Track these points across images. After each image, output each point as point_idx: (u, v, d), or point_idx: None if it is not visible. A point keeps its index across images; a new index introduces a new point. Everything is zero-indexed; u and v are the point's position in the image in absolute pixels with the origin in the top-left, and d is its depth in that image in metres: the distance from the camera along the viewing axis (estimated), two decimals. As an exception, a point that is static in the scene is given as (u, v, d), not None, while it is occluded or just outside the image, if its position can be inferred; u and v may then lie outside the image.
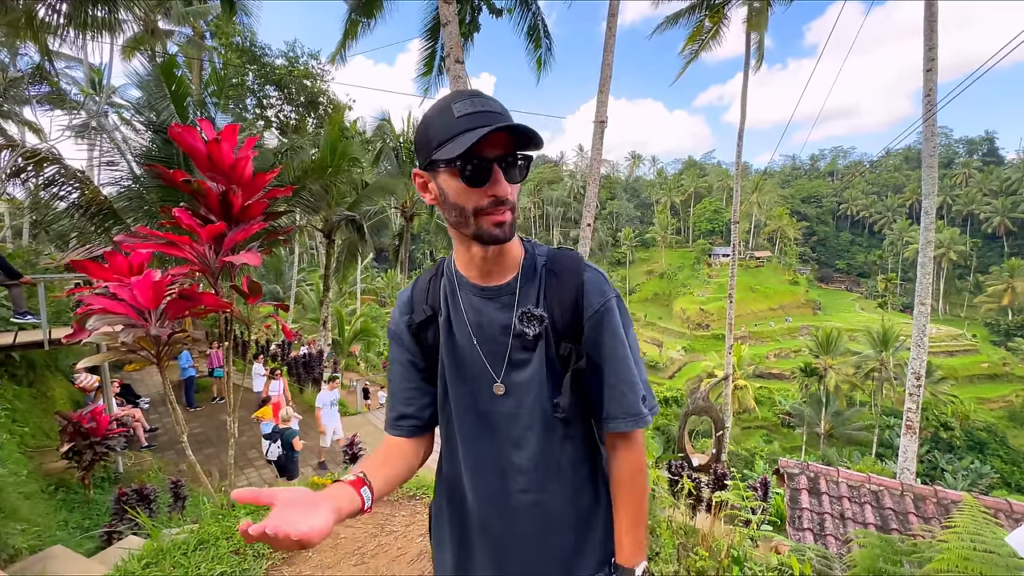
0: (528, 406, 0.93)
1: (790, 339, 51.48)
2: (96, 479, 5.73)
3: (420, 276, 1.05)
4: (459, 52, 5.69)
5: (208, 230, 2.02)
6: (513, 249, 0.94)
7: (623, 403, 0.93)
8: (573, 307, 0.92)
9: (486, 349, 0.94)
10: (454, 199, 0.83)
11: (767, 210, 72.13)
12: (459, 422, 0.98)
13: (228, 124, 2.15)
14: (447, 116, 0.80)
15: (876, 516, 3.87)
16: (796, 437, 33.94)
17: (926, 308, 8.63)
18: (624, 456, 0.96)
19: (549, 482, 0.95)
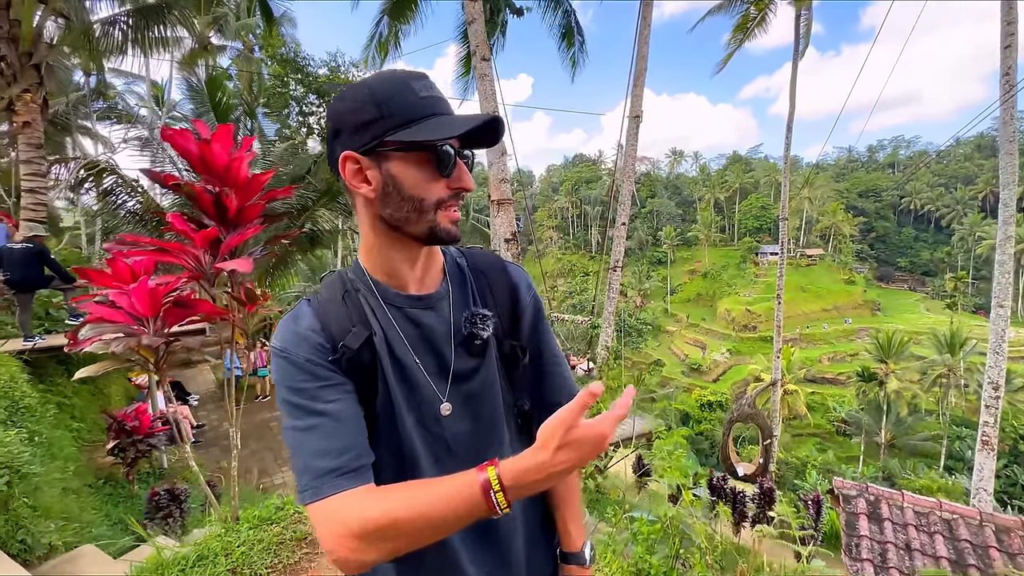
0: (487, 417, 0.86)
1: (846, 342, 48.50)
2: (141, 474, 5.97)
3: (317, 296, 0.85)
4: (485, 50, 5.57)
5: (201, 235, 1.97)
6: (437, 251, 0.88)
7: (564, 387, 0.93)
8: (511, 302, 0.90)
9: (428, 366, 0.83)
10: (411, 190, 0.74)
11: (820, 205, 68.21)
12: (411, 453, 0.82)
13: (223, 125, 2.10)
14: (408, 95, 0.72)
15: (949, 549, 3.42)
16: (853, 446, 31.91)
17: (1005, 311, 7.77)
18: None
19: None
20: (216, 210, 2.09)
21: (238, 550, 1.97)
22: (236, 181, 2.12)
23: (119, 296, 1.94)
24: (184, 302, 2.05)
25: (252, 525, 2.18)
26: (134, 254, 2.02)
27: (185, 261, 2.01)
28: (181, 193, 2.09)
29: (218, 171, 2.09)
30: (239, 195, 2.12)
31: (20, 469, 2.97)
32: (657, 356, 51.60)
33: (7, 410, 3.89)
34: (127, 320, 1.96)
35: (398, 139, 0.71)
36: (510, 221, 5.72)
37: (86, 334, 1.98)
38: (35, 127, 7.08)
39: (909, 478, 22.60)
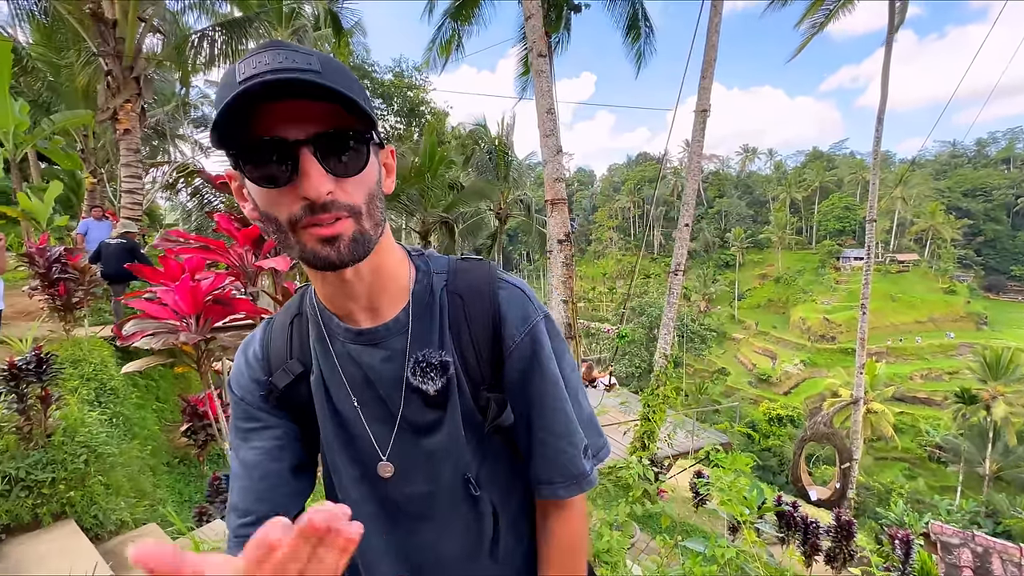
0: (447, 480, 0.70)
1: (943, 358, 43.53)
2: (212, 456, 6.40)
3: (275, 319, 0.75)
4: (543, 46, 5.42)
5: (244, 233, 2.00)
6: (391, 268, 0.67)
7: (558, 462, 0.71)
8: (491, 340, 0.69)
9: (370, 415, 0.69)
10: (264, 208, 0.56)
11: (915, 206, 61.60)
12: (367, 520, 0.70)
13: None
14: (229, 80, 0.51)
15: (1083, 621, 2.84)
16: (949, 475, 28.64)
17: None
18: (556, 528, 0.74)
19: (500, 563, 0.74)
20: None
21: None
22: None
23: (165, 293, 2.02)
24: (224, 300, 2.09)
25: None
26: (181, 251, 2.09)
27: (228, 259, 2.06)
28: (228, 192, 2.13)
29: None
30: None
31: (97, 448, 3.22)
32: (721, 364, 49.03)
33: (95, 391, 4.27)
34: (171, 316, 2.04)
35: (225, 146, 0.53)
36: (564, 222, 5.53)
37: (130, 330, 2.07)
38: (134, 134, 7.82)
39: (1019, 515, 19.80)
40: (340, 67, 0.55)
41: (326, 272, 0.61)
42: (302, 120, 0.52)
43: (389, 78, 19.22)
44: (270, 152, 0.52)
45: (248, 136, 0.52)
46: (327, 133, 0.53)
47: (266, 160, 0.53)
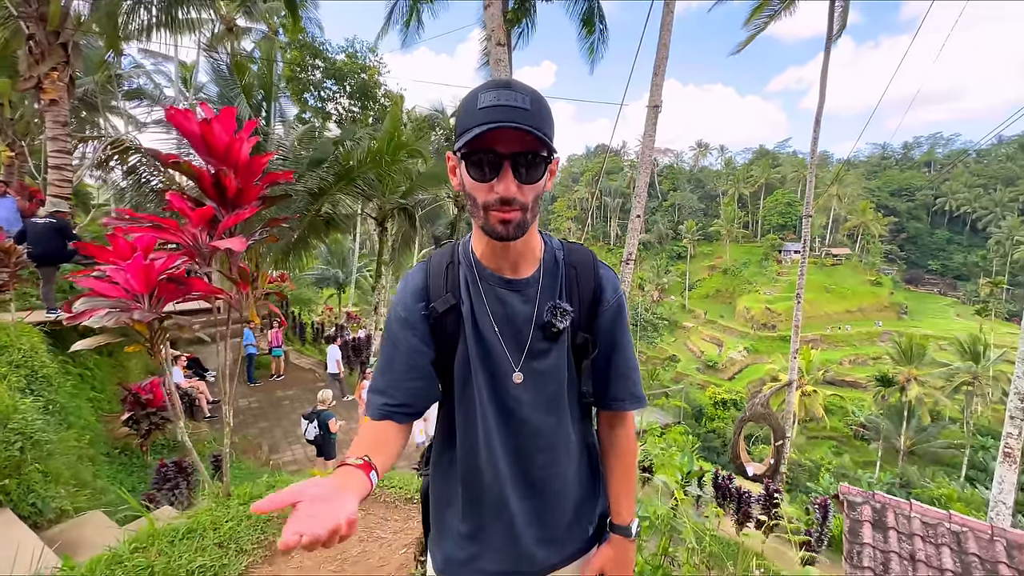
0: (548, 393, 0.98)
1: (869, 344, 47.26)
2: (156, 446, 6.17)
3: (431, 260, 1.03)
4: (501, 34, 5.47)
5: (198, 213, 1.98)
6: (533, 242, 0.96)
7: (629, 387, 1.04)
8: (592, 300, 0.99)
9: (508, 339, 0.96)
10: (469, 189, 0.85)
11: (849, 203, 66.04)
12: (481, 409, 0.98)
13: (226, 107, 2.10)
14: (471, 105, 0.80)
15: (956, 562, 3.31)
16: (870, 451, 31.26)
17: (1037, 319, 7.41)
18: (622, 433, 1.08)
19: (562, 460, 1.02)
20: (215, 190, 2.11)
21: (226, 525, 2.02)
22: (236, 162, 2.13)
23: (116, 272, 1.98)
24: (178, 279, 2.07)
25: (243, 502, 2.23)
26: (132, 230, 2.05)
27: (181, 238, 2.04)
28: (180, 171, 2.10)
29: (218, 151, 2.10)
30: (239, 176, 2.13)
31: (33, 436, 3.08)
32: (672, 352, 51.09)
33: (26, 379, 4.04)
34: (122, 295, 2.00)
35: (457, 146, 0.82)
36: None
37: (80, 307, 2.02)
38: (62, 105, 7.25)
39: (927, 486, 22.04)
40: (542, 104, 0.82)
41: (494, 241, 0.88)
42: (509, 141, 0.79)
43: (342, 58, 18.52)
44: (485, 158, 0.80)
45: (477, 143, 0.79)
46: (522, 153, 0.80)
47: (481, 162, 0.81)
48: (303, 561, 1.93)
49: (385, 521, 2.22)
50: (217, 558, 1.86)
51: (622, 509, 1.06)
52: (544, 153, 0.82)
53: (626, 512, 1.06)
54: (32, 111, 14.05)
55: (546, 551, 1.03)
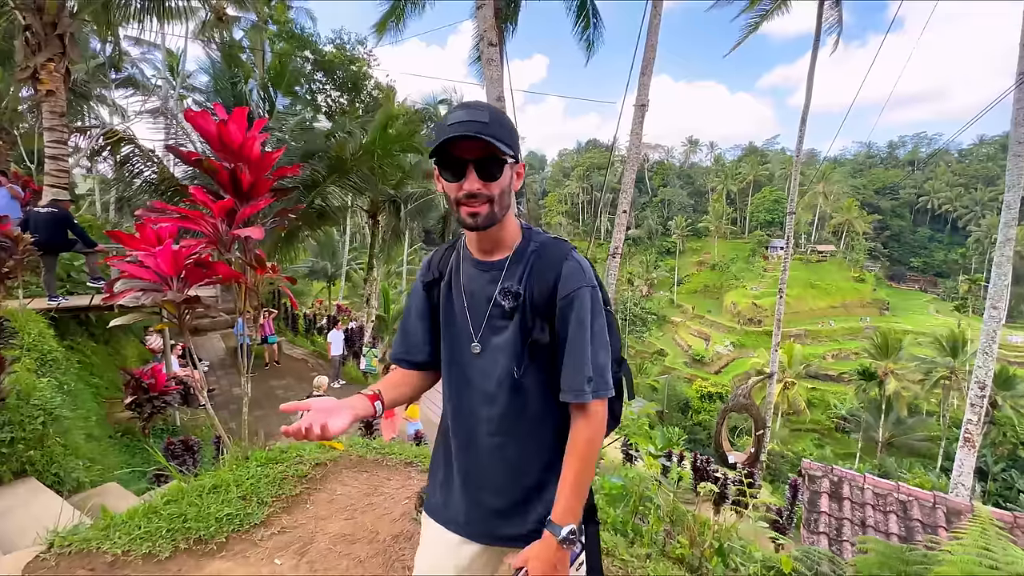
0: (501, 366, 1.08)
1: (851, 340, 48.31)
2: (156, 429, 6.36)
3: (442, 245, 1.25)
4: (493, 34, 5.69)
5: (219, 205, 2.21)
6: (509, 234, 1.10)
7: (570, 378, 1.05)
8: (550, 289, 1.06)
9: (472, 313, 1.11)
10: (444, 189, 1.05)
11: (834, 201, 67.14)
12: (446, 372, 1.17)
13: (239, 108, 2.33)
14: (443, 124, 0.99)
15: (901, 527, 3.66)
16: (851, 443, 32.13)
17: (999, 312, 7.88)
18: (578, 425, 1.06)
19: (512, 431, 1.10)
20: (232, 184, 2.33)
21: (247, 482, 2.26)
22: (249, 158, 2.36)
23: (147, 257, 2.20)
24: (204, 263, 2.30)
25: (260, 463, 2.48)
26: (161, 220, 2.27)
27: (204, 228, 2.26)
28: (201, 168, 2.32)
29: (234, 149, 2.32)
30: (252, 171, 2.36)
31: (53, 412, 3.29)
32: (660, 346, 51.82)
33: (37, 361, 4.23)
34: (154, 278, 2.22)
35: (432, 156, 1.02)
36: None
37: (121, 287, 2.24)
38: (59, 96, 7.32)
39: (904, 476, 22.81)
40: (501, 118, 1.00)
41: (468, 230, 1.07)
42: (470, 148, 0.97)
43: (331, 49, 18.46)
44: (453, 164, 0.99)
45: (444, 152, 0.99)
46: (481, 158, 0.98)
47: (450, 167, 1.00)
48: (318, 511, 2.19)
49: (388, 480, 2.49)
50: (241, 508, 2.11)
51: (558, 506, 1.02)
52: (501, 156, 0.98)
53: (560, 509, 1.02)
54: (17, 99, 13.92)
55: (492, 517, 1.12)
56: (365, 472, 2.52)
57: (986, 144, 77.61)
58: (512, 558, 1.07)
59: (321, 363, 13.09)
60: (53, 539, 1.93)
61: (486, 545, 1.15)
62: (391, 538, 2.02)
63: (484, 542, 1.14)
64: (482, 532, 1.14)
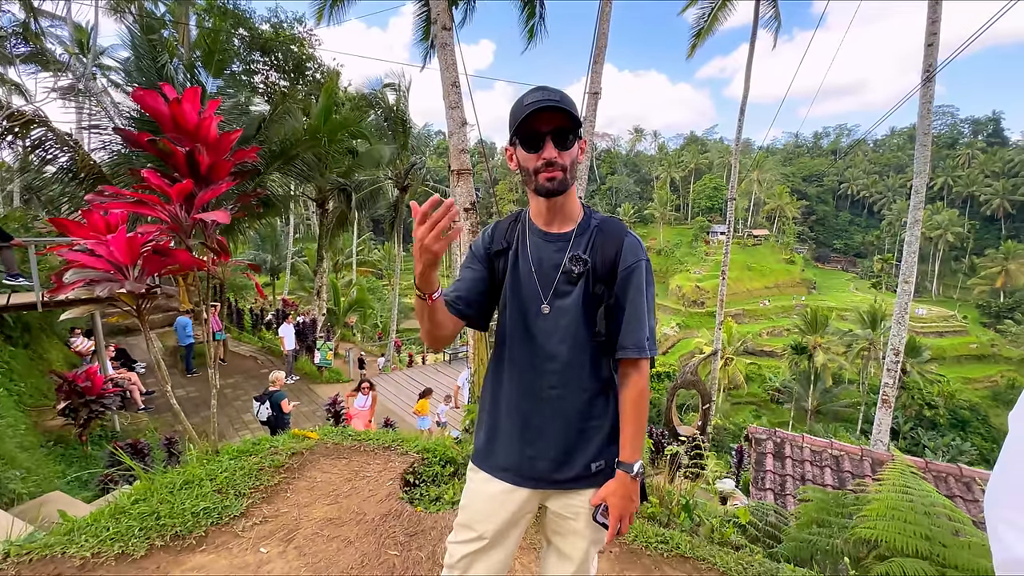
0: (564, 326, 1.21)
1: (783, 317, 51.98)
2: (93, 436, 5.92)
3: (504, 218, 1.35)
4: (447, 18, 5.61)
5: (177, 189, 2.08)
6: (573, 208, 1.24)
7: (633, 336, 1.19)
8: (612, 260, 1.21)
9: (540, 279, 1.23)
10: (522, 163, 1.18)
11: (767, 188, 71.49)
12: (511, 329, 1.26)
13: (190, 88, 2.19)
14: (519, 104, 1.13)
15: (835, 478, 4.08)
16: (785, 412, 34.70)
17: (909, 287, 8.78)
18: (633, 379, 1.21)
19: (570, 384, 1.22)
20: (189, 167, 2.20)
21: (221, 475, 2.19)
22: (206, 139, 2.23)
23: (98, 245, 2.03)
24: (163, 250, 2.15)
25: (232, 456, 2.40)
26: (111, 206, 2.10)
27: (161, 214, 2.12)
28: (154, 151, 2.16)
29: (189, 130, 2.19)
30: (210, 153, 2.23)
31: (-19, 419, 3.01)
32: (611, 329, 53.44)
33: (-47, 367, 3.82)
34: (107, 268, 2.06)
35: (511, 134, 1.16)
36: (469, 191, 5.90)
37: (71, 278, 2.06)
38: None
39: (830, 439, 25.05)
40: (569, 98, 1.12)
41: (542, 198, 1.19)
42: (548, 123, 1.11)
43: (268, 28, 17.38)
44: (532, 136, 1.13)
45: (526, 127, 1.12)
46: (557, 128, 1.12)
47: (530, 139, 1.13)
48: (299, 498, 2.16)
49: (368, 464, 2.48)
50: (218, 501, 2.05)
51: (625, 447, 1.20)
52: (571, 128, 1.12)
53: (629, 451, 1.20)
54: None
55: (546, 463, 1.23)
56: (343, 459, 2.51)
57: (896, 135, 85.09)
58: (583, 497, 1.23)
59: (272, 359, 12.56)
60: (8, 548, 1.81)
61: (532, 489, 1.25)
62: (379, 517, 2.04)
63: (531, 486, 1.24)
64: (532, 477, 1.23)
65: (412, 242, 4.05)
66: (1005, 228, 65.00)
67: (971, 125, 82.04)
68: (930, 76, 8.17)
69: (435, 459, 2.55)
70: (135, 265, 2.12)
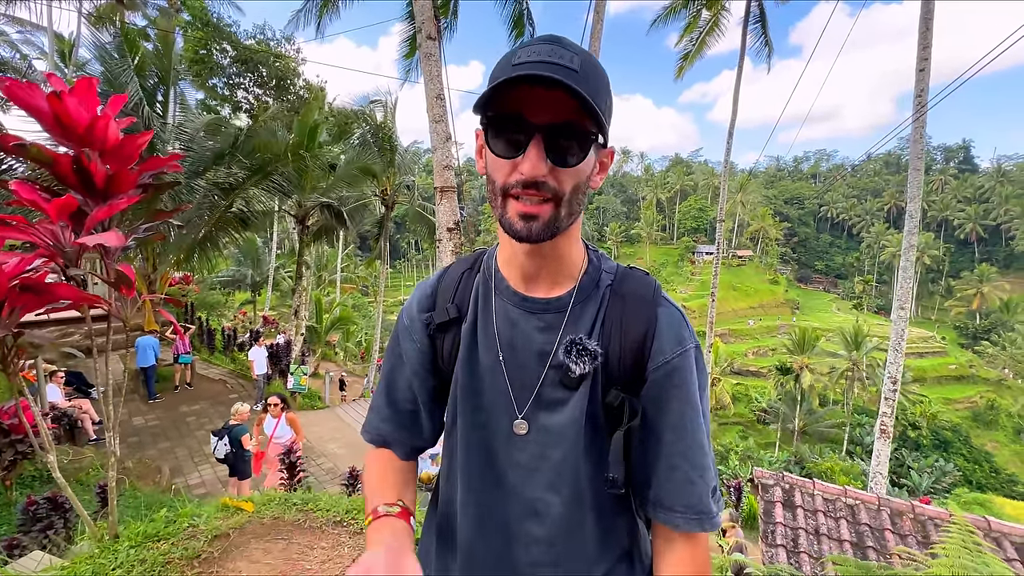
0: (555, 462, 0.71)
1: (768, 337, 52.34)
2: (25, 479, 5.28)
3: (452, 266, 0.84)
4: (432, 28, 5.31)
5: (56, 204, 1.62)
6: (571, 255, 0.73)
7: (686, 493, 0.69)
8: (638, 348, 0.70)
9: (513, 375, 0.72)
10: (489, 168, 0.66)
11: (751, 210, 72.94)
12: (464, 460, 0.76)
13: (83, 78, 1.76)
14: (506, 62, 0.61)
15: (851, 532, 3.69)
16: (771, 433, 34.56)
17: (905, 313, 8.57)
18: (681, 558, 0.70)
19: (565, 560, 0.72)
20: (78, 177, 1.74)
21: (114, 574, 1.70)
22: (103, 144, 1.78)
23: None
24: (35, 286, 1.67)
25: (134, 543, 1.90)
26: None
27: (36, 236, 1.66)
28: (26, 156, 1.71)
29: (77, 131, 1.74)
30: (109, 161, 1.78)
31: None
32: (598, 349, 53.28)
33: None
34: None
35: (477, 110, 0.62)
36: (453, 209, 5.53)
37: None
38: None
39: (816, 461, 24.83)
40: (598, 70, 0.61)
41: (516, 242, 0.67)
42: (546, 107, 0.58)
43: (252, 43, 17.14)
44: (512, 127, 0.60)
45: (500, 105, 0.60)
46: (560, 124, 0.59)
47: (507, 131, 0.61)
48: (213, 608, 1.69)
49: (311, 549, 2.00)
50: (101, 616, 1.57)
51: None
52: (588, 128, 0.61)
53: None
54: None
55: None
56: (281, 540, 2.02)
57: (873, 161, 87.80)
58: None
59: (242, 383, 11.87)
60: None
61: None
62: (314, 636, 1.58)
63: None
64: None
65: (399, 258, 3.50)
66: (978, 251, 67.01)
67: (943, 152, 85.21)
68: (923, 101, 8.12)
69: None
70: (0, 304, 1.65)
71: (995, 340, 47.39)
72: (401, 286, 76.17)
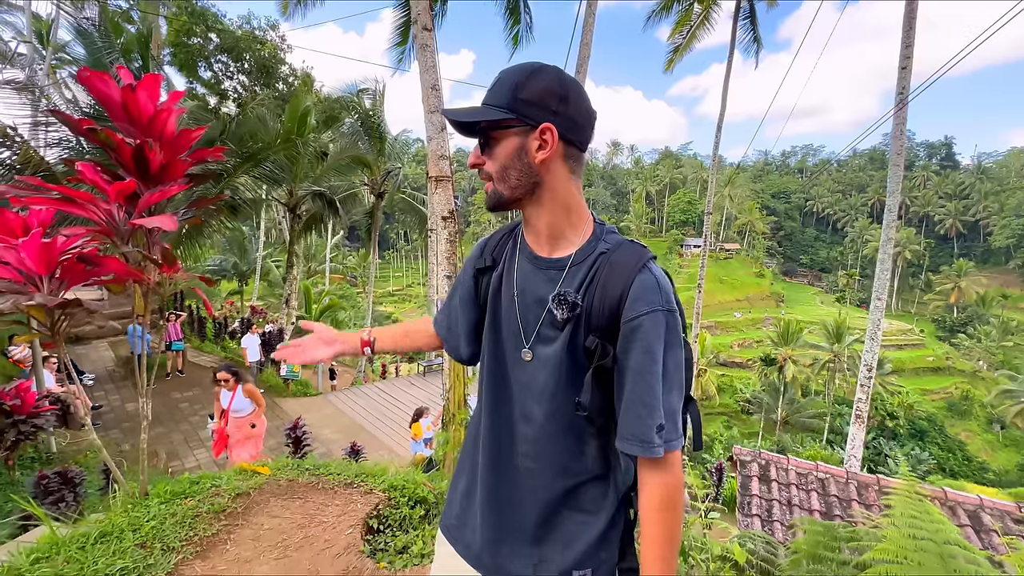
0: (540, 381, 0.91)
1: (753, 329, 53.24)
2: (26, 459, 5.37)
3: (500, 229, 1.09)
4: (428, 19, 5.40)
5: (116, 187, 1.76)
6: (569, 226, 0.92)
7: (634, 424, 0.83)
8: (615, 304, 0.85)
9: (523, 315, 0.94)
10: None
11: (738, 203, 73.71)
12: (486, 375, 1.00)
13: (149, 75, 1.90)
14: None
15: (821, 503, 3.96)
16: (755, 423, 35.33)
17: (882, 303, 8.91)
18: (651, 482, 0.85)
19: (543, 458, 0.93)
20: (136, 163, 1.87)
21: (147, 524, 1.85)
22: (162, 134, 1.91)
23: (5, 251, 1.69)
24: (89, 258, 1.81)
25: (164, 500, 2.05)
26: (33, 201, 1.75)
27: (94, 214, 1.79)
28: (96, 141, 1.83)
29: (142, 122, 1.86)
30: (164, 149, 1.91)
31: None
32: (587, 341, 53.69)
33: None
34: (15, 277, 1.72)
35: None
36: (448, 199, 5.66)
37: None
38: None
39: (798, 450, 25.54)
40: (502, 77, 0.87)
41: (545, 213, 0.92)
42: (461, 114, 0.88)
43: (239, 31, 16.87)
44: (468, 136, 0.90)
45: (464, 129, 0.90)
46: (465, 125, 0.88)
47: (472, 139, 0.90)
48: (241, 552, 1.85)
49: (326, 506, 2.17)
50: (140, 559, 1.72)
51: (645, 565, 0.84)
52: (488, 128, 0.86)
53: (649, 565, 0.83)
54: None
55: (495, 549, 0.95)
56: (297, 499, 2.19)
57: (858, 156, 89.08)
58: None
59: (234, 371, 11.91)
60: None
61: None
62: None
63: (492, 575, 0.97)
64: (492, 565, 0.96)
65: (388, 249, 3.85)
66: (957, 247, 68.66)
67: (926, 149, 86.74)
68: (904, 98, 8.39)
69: (403, 499, 2.25)
70: (52, 275, 1.78)
71: (971, 333, 48.84)
72: (390, 277, 75.76)
